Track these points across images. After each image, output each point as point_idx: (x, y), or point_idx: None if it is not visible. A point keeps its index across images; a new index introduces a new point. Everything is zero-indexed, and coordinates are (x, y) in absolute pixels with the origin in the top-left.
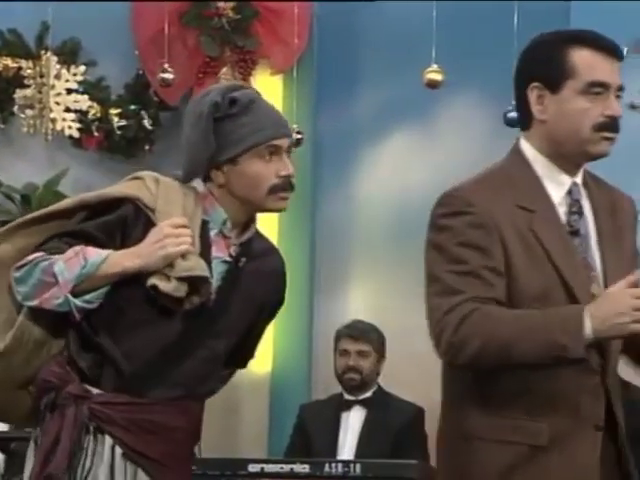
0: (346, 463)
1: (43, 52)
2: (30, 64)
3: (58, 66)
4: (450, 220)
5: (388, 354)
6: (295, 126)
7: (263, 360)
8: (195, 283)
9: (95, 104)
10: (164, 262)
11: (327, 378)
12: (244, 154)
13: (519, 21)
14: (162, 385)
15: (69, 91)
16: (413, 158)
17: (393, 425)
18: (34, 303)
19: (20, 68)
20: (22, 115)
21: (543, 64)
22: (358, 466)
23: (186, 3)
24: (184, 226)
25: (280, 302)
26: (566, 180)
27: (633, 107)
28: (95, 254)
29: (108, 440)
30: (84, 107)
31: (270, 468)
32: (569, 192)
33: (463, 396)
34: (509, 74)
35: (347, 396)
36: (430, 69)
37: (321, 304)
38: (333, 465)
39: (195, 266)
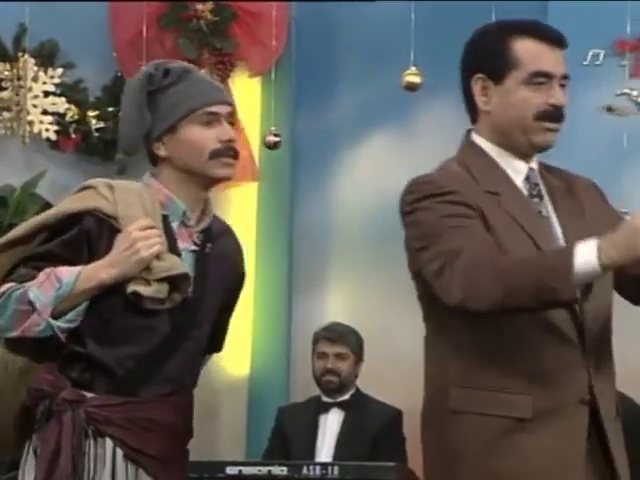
0: (324, 465)
1: (20, 54)
2: (7, 66)
3: (35, 68)
4: (427, 202)
5: (366, 356)
6: (273, 128)
7: (241, 362)
8: (174, 281)
9: (73, 106)
10: (140, 267)
11: (305, 380)
12: (182, 121)
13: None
14: (154, 383)
15: (46, 93)
16: (391, 160)
17: (371, 427)
18: (15, 334)
19: None
20: None
21: (486, 55)
22: (336, 468)
23: (164, 5)
24: (151, 227)
25: (243, 280)
26: (522, 166)
27: (610, 110)
28: (67, 273)
29: (109, 443)
30: (62, 109)
31: (248, 471)
32: (527, 177)
33: (447, 370)
34: None
35: (325, 398)
36: (409, 71)
37: (299, 306)
38: (311, 467)
39: (173, 265)
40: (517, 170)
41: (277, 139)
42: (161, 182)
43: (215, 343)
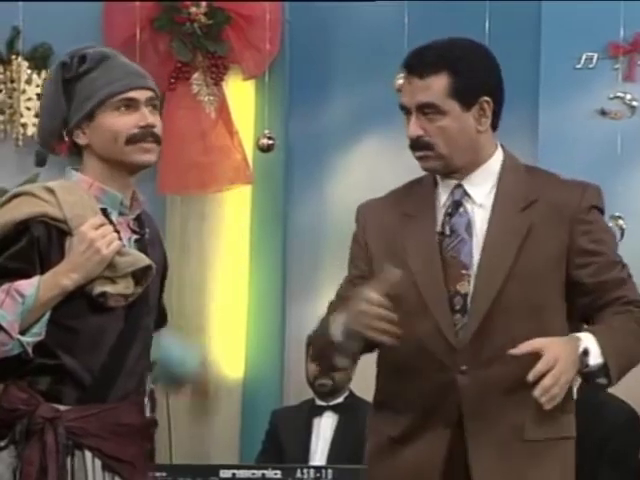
0: (318, 469)
1: (14, 57)
2: (0, 69)
3: (29, 71)
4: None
5: (360, 358)
6: (267, 131)
7: (235, 366)
8: (137, 274)
9: None
10: (102, 266)
11: (299, 384)
12: (99, 108)
13: (490, 23)
14: (118, 381)
15: (40, 96)
16: (385, 163)
17: (365, 431)
18: None
19: None
20: None
21: None
22: (330, 472)
23: (158, 8)
24: (103, 224)
25: (167, 262)
26: (451, 183)
27: (603, 113)
28: (28, 286)
29: (88, 454)
30: None
31: (242, 474)
32: (451, 194)
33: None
34: None
35: (319, 402)
36: (402, 74)
37: (293, 309)
38: (305, 471)
39: (136, 258)
40: (446, 186)
41: (271, 142)
42: (87, 174)
43: (159, 321)
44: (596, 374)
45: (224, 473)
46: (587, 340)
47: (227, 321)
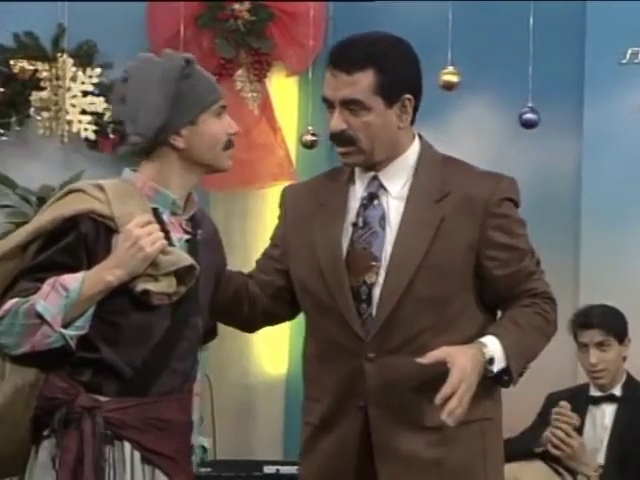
0: None
1: (59, 55)
2: (46, 66)
3: (74, 68)
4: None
5: None
6: (310, 128)
7: (279, 362)
8: (180, 273)
9: (111, 106)
10: (145, 264)
11: None
12: (202, 113)
13: (535, 21)
14: (161, 378)
15: (85, 93)
16: None
17: None
18: (25, 349)
19: (36, 71)
20: (38, 117)
21: None
22: None
23: (201, 6)
24: (150, 222)
25: (225, 263)
26: (368, 175)
27: None
28: (72, 280)
29: (127, 446)
30: (100, 109)
31: (285, 470)
32: (367, 186)
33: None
34: (524, 75)
35: None
36: (446, 71)
37: None
38: None
39: (179, 258)
40: (363, 179)
41: (314, 138)
42: (148, 174)
43: (209, 329)
44: (499, 376)
45: (268, 469)
46: (492, 346)
47: None
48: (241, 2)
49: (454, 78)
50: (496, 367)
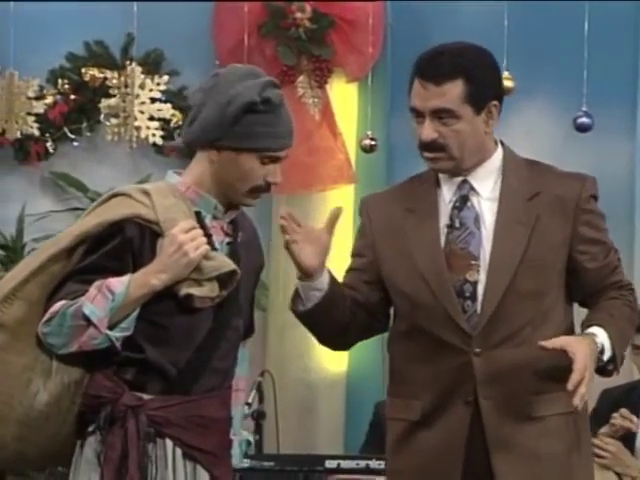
0: None
1: (128, 63)
2: (115, 74)
3: (142, 76)
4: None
5: None
6: (369, 132)
7: (339, 359)
8: (222, 278)
9: (177, 112)
10: (189, 269)
11: None
12: (247, 152)
13: (590, 22)
14: (203, 377)
15: (153, 100)
16: None
17: None
18: (73, 349)
19: (106, 78)
20: (107, 123)
21: None
22: None
23: (264, 15)
24: (194, 227)
25: (263, 264)
26: (456, 180)
27: None
28: (118, 284)
29: (169, 443)
30: (167, 115)
31: (346, 464)
32: (458, 189)
33: (389, 380)
34: (580, 79)
35: None
36: (502, 76)
37: None
38: None
39: (222, 263)
40: (452, 183)
41: (373, 143)
42: (191, 177)
43: (247, 329)
44: (606, 364)
45: (330, 463)
46: (601, 336)
47: None
48: (302, 10)
49: (510, 83)
50: (606, 356)
